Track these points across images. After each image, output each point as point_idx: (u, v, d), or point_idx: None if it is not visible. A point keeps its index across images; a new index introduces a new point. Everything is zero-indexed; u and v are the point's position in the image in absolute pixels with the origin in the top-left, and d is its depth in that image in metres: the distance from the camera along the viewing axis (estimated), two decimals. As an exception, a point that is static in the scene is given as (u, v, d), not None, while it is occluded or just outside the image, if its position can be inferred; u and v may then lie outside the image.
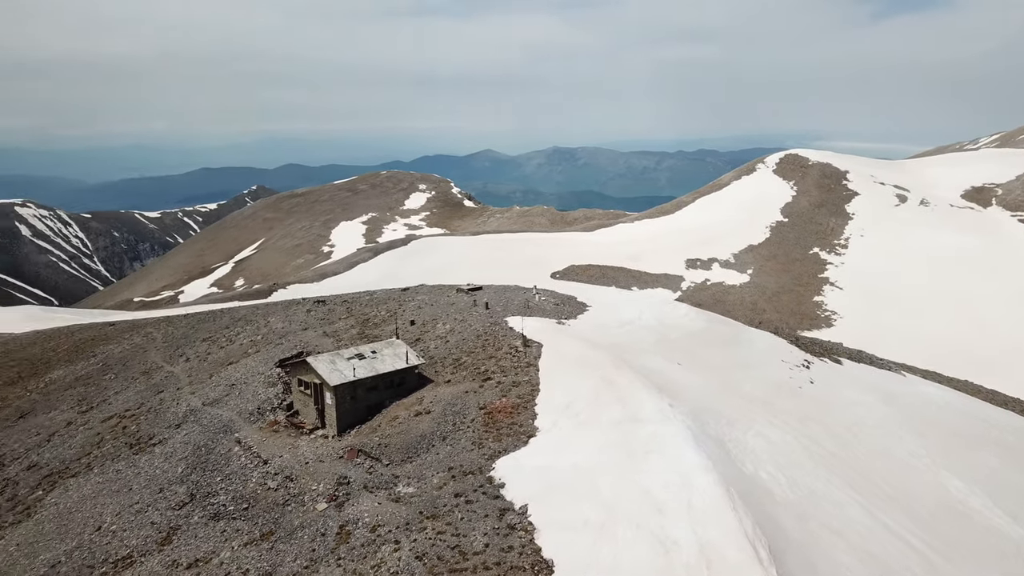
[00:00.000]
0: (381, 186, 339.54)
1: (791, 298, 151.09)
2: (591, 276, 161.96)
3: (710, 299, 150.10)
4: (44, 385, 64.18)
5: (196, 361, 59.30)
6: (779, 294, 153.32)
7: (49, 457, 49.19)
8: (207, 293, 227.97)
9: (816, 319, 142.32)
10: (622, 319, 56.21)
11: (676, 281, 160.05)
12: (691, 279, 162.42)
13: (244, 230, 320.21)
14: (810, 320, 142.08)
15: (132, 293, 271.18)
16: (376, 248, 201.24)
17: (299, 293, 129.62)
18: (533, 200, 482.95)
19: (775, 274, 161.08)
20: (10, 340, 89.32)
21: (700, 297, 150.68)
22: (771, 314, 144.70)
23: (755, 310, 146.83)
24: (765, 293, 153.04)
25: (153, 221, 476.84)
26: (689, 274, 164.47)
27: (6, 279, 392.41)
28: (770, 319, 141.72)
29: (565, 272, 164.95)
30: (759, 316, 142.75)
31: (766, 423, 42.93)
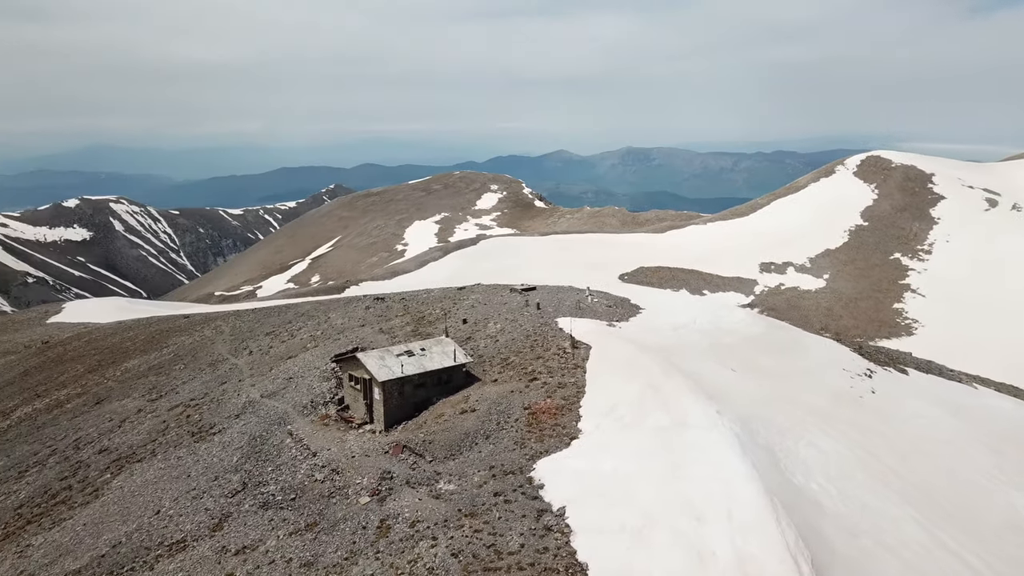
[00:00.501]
0: (454, 186, 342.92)
1: (869, 304, 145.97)
2: (661, 278, 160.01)
3: (784, 304, 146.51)
4: (120, 373, 67.34)
5: (258, 354, 61.19)
6: (856, 300, 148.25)
7: (119, 442, 51.58)
8: (283, 288, 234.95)
9: (895, 327, 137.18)
10: (675, 323, 55.24)
11: (749, 285, 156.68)
12: (765, 283, 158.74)
13: (321, 228, 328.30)
14: (889, 328, 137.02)
15: (214, 287, 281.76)
16: (446, 247, 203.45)
17: (370, 290, 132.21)
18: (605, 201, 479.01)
19: (853, 279, 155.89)
20: (95, 330, 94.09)
21: (774, 301, 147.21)
22: (847, 320, 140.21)
23: (831, 316, 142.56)
24: (842, 299, 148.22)
25: (236, 218, 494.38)
26: (763, 278, 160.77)
27: (100, 272, 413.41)
28: (846, 326, 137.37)
29: (634, 274, 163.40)
30: (835, 322, 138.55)
31: (820, 433, 41.51)
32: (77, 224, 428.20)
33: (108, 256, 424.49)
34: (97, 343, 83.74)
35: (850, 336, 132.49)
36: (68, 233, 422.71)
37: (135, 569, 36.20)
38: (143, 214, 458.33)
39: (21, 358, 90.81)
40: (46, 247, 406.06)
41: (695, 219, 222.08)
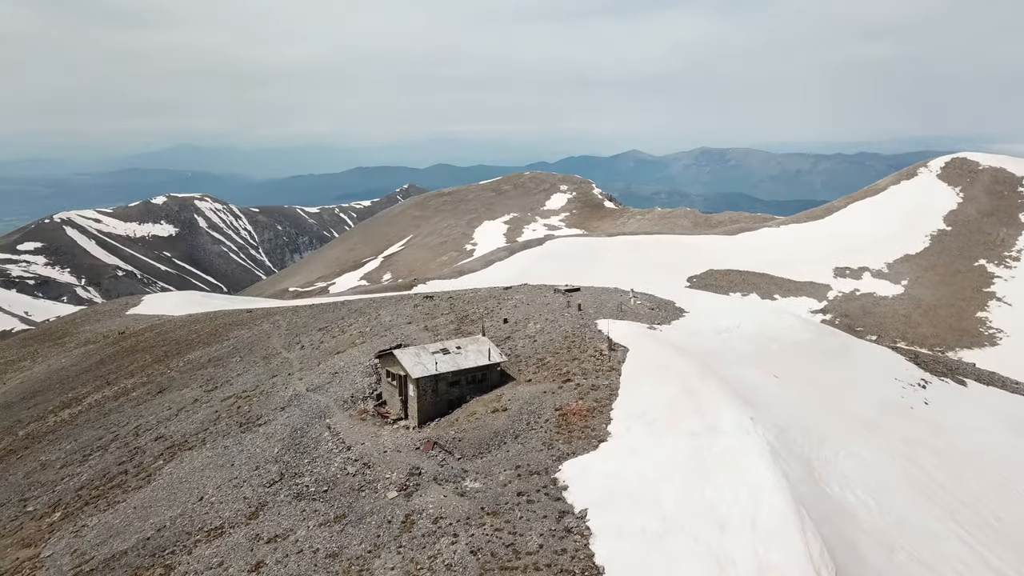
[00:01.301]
0: (524, 186, 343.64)
1: (950, 313, 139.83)
2: (731, 282, 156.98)
3: (859, 310, 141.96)
4: (183, 364, 70.07)
5: (309, 349, 62.71)
6: (936, 308, 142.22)
7: (174, 430, 53.68)
8: (355, 285, 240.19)
9: (978, 336, 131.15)
10: (719, 327, 53.94)
11: (822, 290, 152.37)
12: (839, 288, 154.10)
13: (394, 227, 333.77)
14: (971, 337, 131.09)
15: (290, 283, 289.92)
16: (512, 248, 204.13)
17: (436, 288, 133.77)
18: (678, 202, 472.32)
19: (933, 286, 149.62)
20: (166, 322, 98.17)
21: (848, 308, 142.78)
22: (926, 329, 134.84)
23: (908, 324, 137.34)
24: (921, 306, 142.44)
25: (312, 216, 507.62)
26: (837, 283, 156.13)
27: (184, 266, 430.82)
28: (924, 334, 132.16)
29: (703, 277, 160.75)
30: (912, 330, 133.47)
31: (864, 443, 39.93)
32: (164, 220, 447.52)
33: (192, 252, 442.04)
34: (166, 335, 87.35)
35: (929, 345, 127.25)
36: (156, 229, 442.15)
37: (175, 552, 37.61)
38: (225, 211, 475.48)
39: (99, 347, 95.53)
40: (135, 242, 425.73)
41: (768, 221, 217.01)
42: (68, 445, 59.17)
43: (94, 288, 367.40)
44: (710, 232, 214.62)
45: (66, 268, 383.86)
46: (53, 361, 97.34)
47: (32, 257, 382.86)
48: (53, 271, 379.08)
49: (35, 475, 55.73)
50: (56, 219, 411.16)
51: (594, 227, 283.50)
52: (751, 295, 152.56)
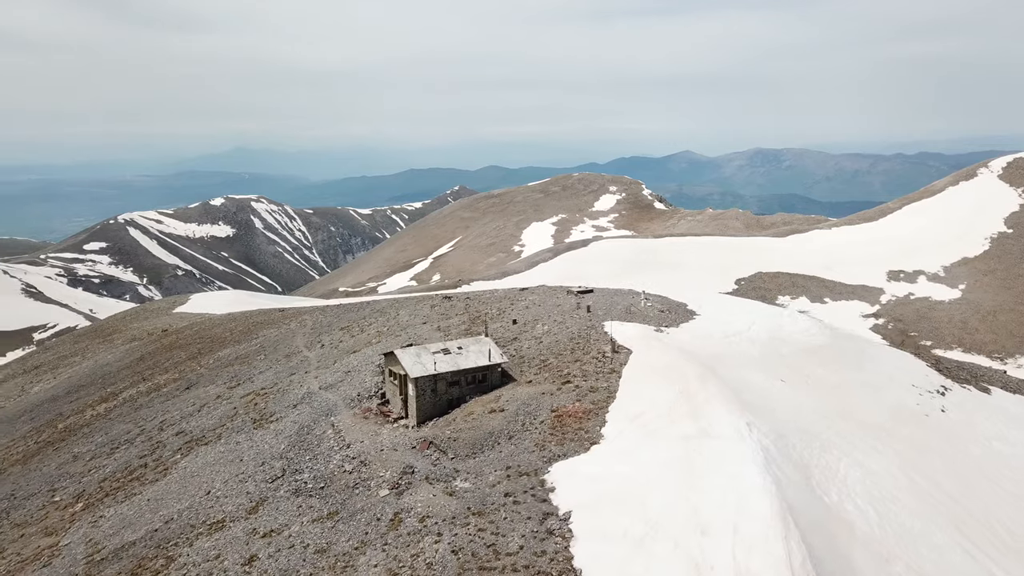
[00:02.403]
0: (572, 188, 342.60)
1: (1011, 318, 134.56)
2: (780, 284, 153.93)
3: (913, 315, 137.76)
4: (213, 361, 71.79)
5: (329, 347, 63.61)
6: (996, 313, 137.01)
7: (194, 425, 55.05)
8: (404, 286, 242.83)
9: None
10: (728, 330, 52.78)
11: (875, 294, 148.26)
12: (892, 292, 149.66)
13: (443, 228, 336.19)
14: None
15: (341, 283, 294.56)
16: (556, 249, 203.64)
17: (481, 289, 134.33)
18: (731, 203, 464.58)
19: (993, 291, 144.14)
20: (207, 320, 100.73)
21: (901, 312, 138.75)
22: (984, 335, 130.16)
23: (965, 329, 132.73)
24: (979, 311, 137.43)
25: (365, 217, 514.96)
26: (890, 287, 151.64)
27: (240, 266, 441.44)
28: (982, 340, 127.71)
29: (751, 279, 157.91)
30: (970, 336, 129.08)
31: (871, 451, 38.63)
32: (222, 221, 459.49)
33: (248, 252, 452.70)
34: (204, 332, 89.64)
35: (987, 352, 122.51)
36: (214, 230, 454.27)
37: (178, 544, 38.55)
38: (280, 212, 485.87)
39: (142, 344, 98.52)
40: (194, 242, 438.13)
41: (820, 223, 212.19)
42: (99, 438, 61.20)
43: (155, 287, 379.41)
44: (761, 234, 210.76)
45: (129, 267, 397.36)
46: (100, 357, 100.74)
47: (97, 256, 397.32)
48: (117, 270, 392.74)
49: (66, 466, 57.79)
50: (120, 220, 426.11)
51: (643, 228, 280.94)
52: (800, 298, 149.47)
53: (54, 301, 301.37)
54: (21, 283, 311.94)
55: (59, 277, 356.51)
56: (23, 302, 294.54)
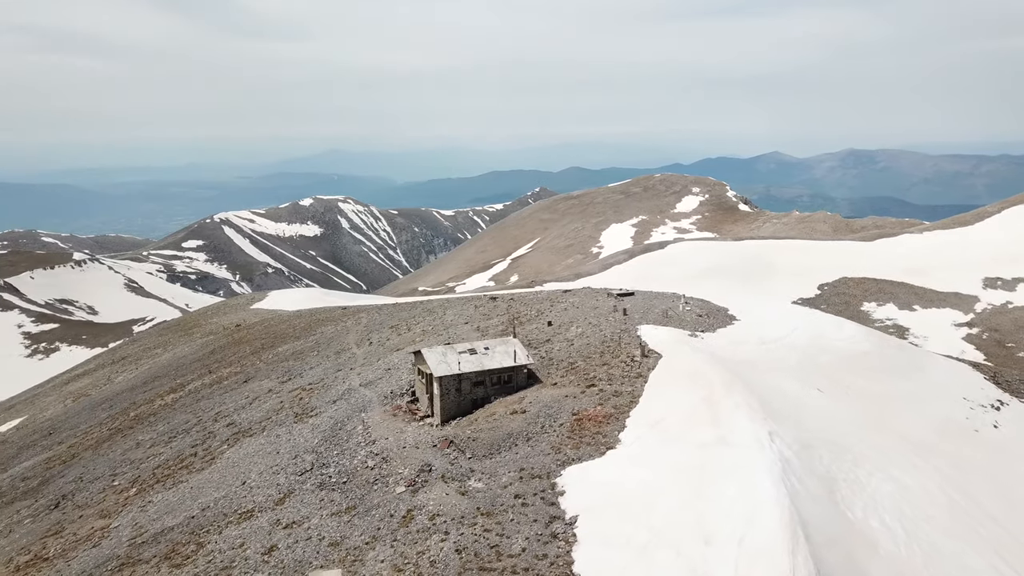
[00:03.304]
0: (653, 189, 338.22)
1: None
2: (866, 290, 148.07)
3: (1011, 324, 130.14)
4: (271, 356, 74.24)
5: (376, 345, 64.79)
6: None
7: (244, 418, 57.05)
8: (482, 286, 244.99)
9: None
10: (766, 336, 50.88)
11: (968, 302, 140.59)
12: (988, 300, 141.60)
13: (522, 229, 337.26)
14: None
15: (422, 283, 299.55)
16: (632, 251, 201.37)
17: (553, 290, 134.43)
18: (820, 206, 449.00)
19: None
20: (276, 317, 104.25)
21: (998, 321, 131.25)
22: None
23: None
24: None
25: (447, 219, 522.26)
26: (986, 295, 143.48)
27: (327, 265, 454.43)
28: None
29: (835, 285, 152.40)
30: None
31: (908, 466, 36.61)
32: (311, 221, 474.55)
33: (335, 251, 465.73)
34: (271, 328, 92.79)
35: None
36: (303, 229, 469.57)
37: (209, 531, 40.05)
38: (366, 213, 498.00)
39: (216, 338, 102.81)
40: (284, 241, 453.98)
41: (911, 227, 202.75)
42: (161, 427, 64.19)
43: (247, 283, 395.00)
44: (848, 238, 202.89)
45: (223, 264, 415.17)
46: (179, 350, 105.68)
47: (194, 254, 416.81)
48: (212, 267, 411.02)
49: (129, 453, 60.87)
50: (215, 219, 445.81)
51: (727, 231, 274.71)
52: (887, 305, 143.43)
53: (153, 296, 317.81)
54: (124, 278, 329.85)
55: (159, 273, 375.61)
56: (126, 296, 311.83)
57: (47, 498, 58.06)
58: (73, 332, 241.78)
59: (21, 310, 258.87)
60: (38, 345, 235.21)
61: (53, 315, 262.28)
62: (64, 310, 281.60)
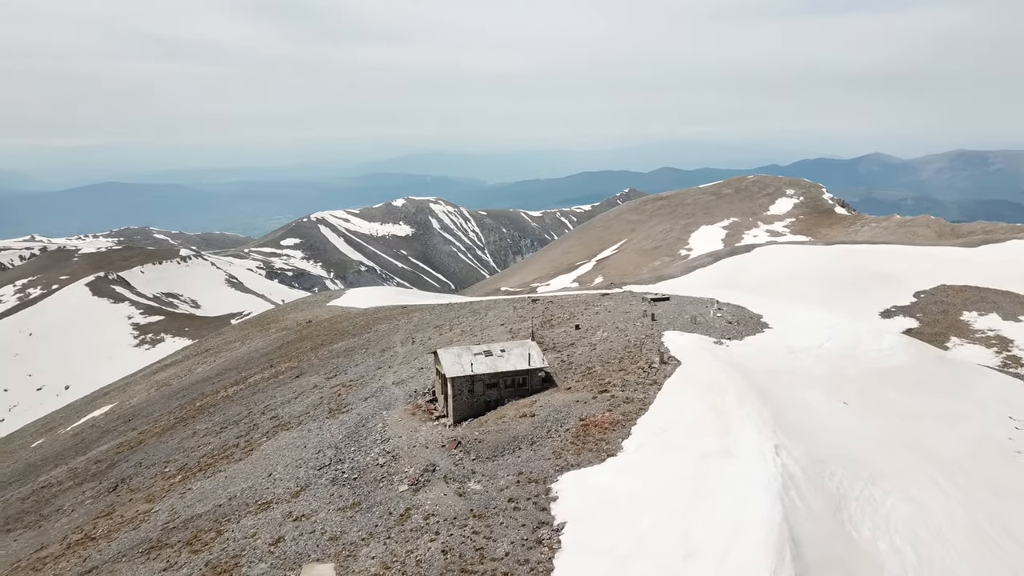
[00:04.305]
0: (746, 190, 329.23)
1: None
2: (966, 299, 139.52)
3: None
4: (327, 353, 76.32)
5: (417, 344, 65.59)
6: None
7: (287, 411, 58.87)
8: (564, 287, 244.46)
9: None
10: (796, 345, 48.45)
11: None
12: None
13: (609, 230, 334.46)
14: None
15: (505, 283, 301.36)
16: (717, 254, 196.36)
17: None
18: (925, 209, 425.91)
19: None
20: (344, 314, 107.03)
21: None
22: None
23: None
24: None
25: (535, 220, 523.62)
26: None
27: (418, 264, 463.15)
28: None
29: (933, 293, 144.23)
30: None
31: (931, 486, 34.21)
32: (402, 221, 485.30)
33: (425, 250, 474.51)
34: (335, 325, 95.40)
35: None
36: (395, 229, 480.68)
37: (230, 520, 41.54)
38: (456, 214, 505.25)
39: (287, 334, 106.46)
40: (376, 240, 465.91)
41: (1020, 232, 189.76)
42: (217, 418, 67.01)
43: (340, 281, 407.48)
44: (954, 243, 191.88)
45: (319, 262, 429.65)
46: (254, 344, 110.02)
47: (292, 252, 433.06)
48: (308, 264, 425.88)
49: (185, 441, 63.83)
50: (312, 218, 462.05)
51: (822, 234, 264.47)
52: (990, 315, 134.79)
53: (252, 291, 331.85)
54: (225, 274, 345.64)
55: (259, 269, 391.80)
56: (226, 291, 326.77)
57: (109, 481, 61.55)
58: (177, 324, 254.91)
59: (131, 302, 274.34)
60: (145, 336, 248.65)
61: (159, 308, 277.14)
62: (170, 303, 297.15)
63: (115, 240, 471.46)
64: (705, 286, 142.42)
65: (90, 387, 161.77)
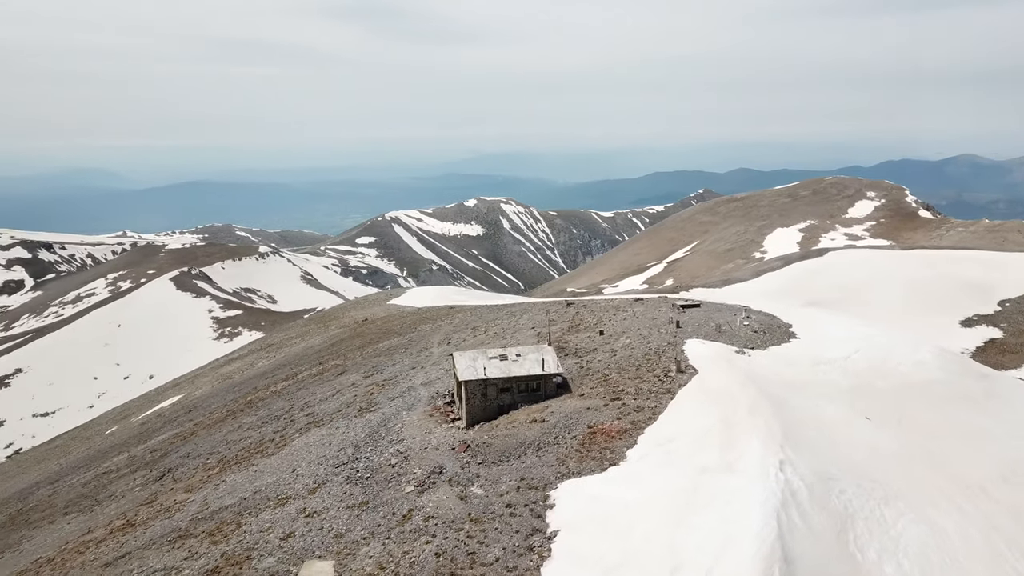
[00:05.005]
0: (824, 192, 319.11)
1: None
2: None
3: None
4: (370, 351, 77.69)
5: (452, 346, 66.04)
6: None
7: (323, 409, 60.22)
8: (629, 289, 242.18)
9: None
10: (822, 356, 46.48)
11: None
12: None
13: (681, 232, 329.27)
14: None
15: (572, 284, 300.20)
16: (788, 258, 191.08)
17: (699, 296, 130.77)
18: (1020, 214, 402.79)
19: None
20: (398, 313, 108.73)
21: None
22: None
23: None
24: None
25: (606, 220, 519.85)
26: None
27: (488, 264, 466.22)
28: None
29: (1019, 301, 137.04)
30: None
31: (951, 509, 32.47)
32: (474, 221, 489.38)
33: (495, 250, 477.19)
34: (386, 324, 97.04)
35: None
36: (466, 229, 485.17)
37: (251, 514, 42.79)
38: (526, 214, 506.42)
39: (343, 331, 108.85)
40: (448, 240, 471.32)
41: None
42: (262, 412, 69.08)
43: (412, 279, 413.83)
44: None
45: (392, 260, 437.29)
46: (312, 340, 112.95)
47: (366, 250, 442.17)
48: (381, 262, 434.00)
49: (230, 434, 66.05)
50: (386, 217, 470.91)
51: (904, 239, 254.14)
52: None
53: (326, 288, 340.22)
54: (301, 271, 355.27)
55: (334, 267, 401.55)
56: (301, 288, 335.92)
57: (158, 470, 64.25)
58: (253, 319, 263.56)
59: (212, 296, 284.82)
60: (223, 329, 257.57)
61: (238, 302, 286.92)
62: (248, 298, 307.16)
63: (199, 236, 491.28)
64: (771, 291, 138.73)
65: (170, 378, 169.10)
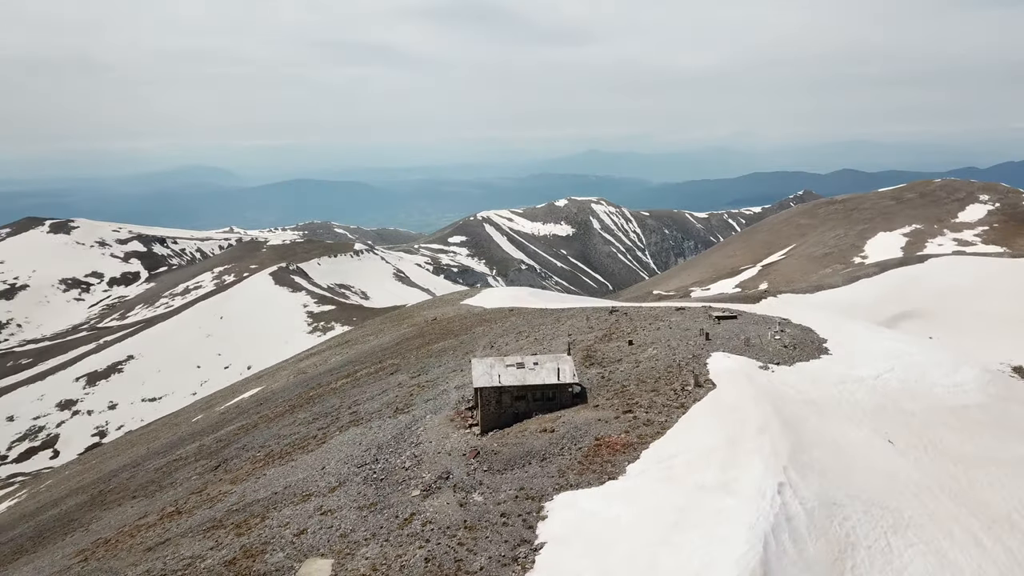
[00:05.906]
0: (931, 195, 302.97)
1: None
2: None
3: None
4: (423, 352, 78.79)
5: (495, 349, 66.13)
6: None
7: (366, 408, 61.51)
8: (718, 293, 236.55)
9: None
10: (850, 375, 43.65)
11: None
12: None
13: (777, 234, 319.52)
14: None
15: (661, 287, 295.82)
16: (884, 264, 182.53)
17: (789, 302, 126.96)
18: None
19: None
20: (465, 314, 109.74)
21: None
22: None
23: None
24: None
25: (700, 221, 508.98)
26: None
27: (577, 264, 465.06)
28: None
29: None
30: None
31: (968, 542, 30.20)
32: (564, 221, 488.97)
33: (585, 251, 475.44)
34: (448, 325, 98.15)
35: None
36: (556, 229, 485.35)
37: (276, 508, 44.28)
38: (617, 215, 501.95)
39: (411, 330, 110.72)
40: (538, 239, 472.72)
41: None
42: (316, 408, 71.18)
43: (501, 278, 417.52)
44: None
45: (482, 259, 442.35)
46: (383, 338, 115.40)
47: (458, 249, 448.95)
48: (472, 261, 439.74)
49: (284, 428, 68.39)
50: (478, 217, 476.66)
51: (1020, 245, 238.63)
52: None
53: (417, 285, 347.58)
54: (394, 268, 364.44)
55: (426, 265, 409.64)
56: (393, 285, 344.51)
57: (216, 460, 67.22)
58: (346, 314, 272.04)
59: (307, 292, 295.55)
60: (317, 324, 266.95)
61: (332, 298, 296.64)
62: (341, 294, 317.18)
63: (300, 233, 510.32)
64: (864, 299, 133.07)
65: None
